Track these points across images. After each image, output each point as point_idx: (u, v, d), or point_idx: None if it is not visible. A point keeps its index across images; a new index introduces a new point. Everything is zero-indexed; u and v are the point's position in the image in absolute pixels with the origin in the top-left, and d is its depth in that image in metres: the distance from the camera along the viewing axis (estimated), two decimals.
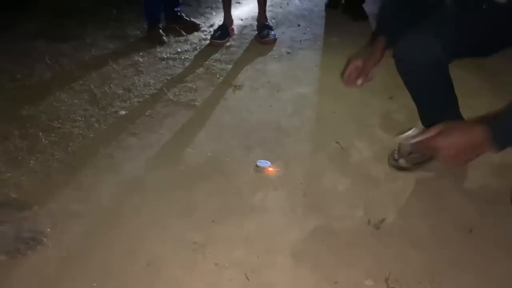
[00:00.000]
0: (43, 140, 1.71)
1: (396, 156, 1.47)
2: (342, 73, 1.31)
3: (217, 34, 2.60)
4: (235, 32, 2.71)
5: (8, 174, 1.50)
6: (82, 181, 1.47)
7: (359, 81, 1.27)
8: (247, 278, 1.09)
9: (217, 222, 1.28)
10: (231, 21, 2.68)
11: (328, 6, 3.03)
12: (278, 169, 1.50)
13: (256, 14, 2.71)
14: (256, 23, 2.71)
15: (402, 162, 1.45)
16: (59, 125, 1.80)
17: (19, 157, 1.59)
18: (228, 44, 2.59)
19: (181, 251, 1.18)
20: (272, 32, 2.61)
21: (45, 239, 1.21)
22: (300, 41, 2.60)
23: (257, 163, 1.50)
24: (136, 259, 1.17)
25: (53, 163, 1.57)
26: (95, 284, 1.09)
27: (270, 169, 1.50)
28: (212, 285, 1.09)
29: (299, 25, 2.84)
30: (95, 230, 1.27)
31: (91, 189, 1.44)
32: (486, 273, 1.09)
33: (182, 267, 1.14)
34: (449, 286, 1.06)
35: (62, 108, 1.94)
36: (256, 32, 2.66)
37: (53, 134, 1.74)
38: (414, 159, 1.45)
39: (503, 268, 1.10)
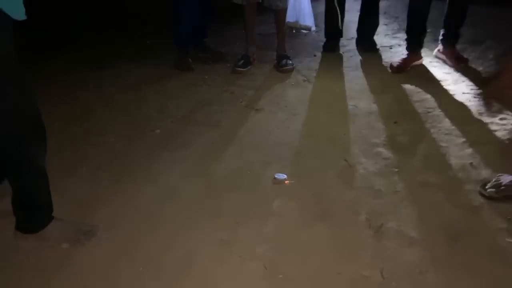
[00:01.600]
0: (90, 154, 1.99)
1: (488, 185, 1.54)
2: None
3: (240, 63, 2.87)
4: (256, 61, 2.99)
5: (63, 183, 1.77)
6: (125, 189, 1.73)
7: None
8: (265, 268, 1.31)
9: (241, 223, 1.51)
10: (253, 51, 2.96)
11: (325, 50, 3.12)
12: (293, 181, 1.73)
13: (276, 45, 3.00)
14: (275, 53, 2.99)
15: (491, 192, 1.52)
16: (104, 141, 2.09)
17: (72, 168, 1.87)
18: (250, 72, 2.87)
19: (210, 246, 1.41)
20: (290, 62, 2.87)
21: (98, 233, 1.47)
22: (316, 70, 2.86)
23: (275, 176, 1.74)
24: (173, 252, 1.40)
25: (101, 173, 1.84)
26: (140, 269, 1.32)
27: (286, 181, 1.73)
28: (236, 274, 1.31)
29: (315, 55, 3.11)
30: (138, 227, 1.51)
31: (133, 195, 1.69)
32: (468, 270, 1.28)
33: (211, 259, 1.36)
34: (434, 278, 1.26)
35: (106, 126, 2.23)
36: (276, 61, 2.94)
37: (100, 149, 2.02)
38: (503, 191, 1.51)
39: (485, 270, 1.29)
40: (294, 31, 3.52)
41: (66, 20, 3.86)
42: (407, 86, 2.49)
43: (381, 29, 3.21)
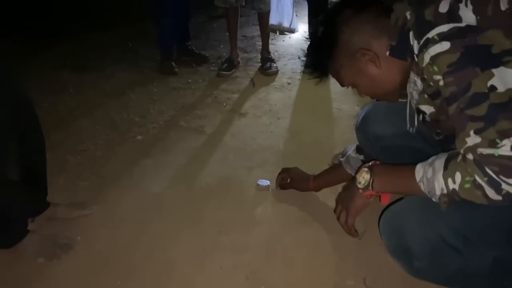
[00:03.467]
0: (70, 161, 1.94)
1: None
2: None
3: (224, 66, 2.84)
4: (241, 64, 2.97)
5: None
6: (105, 198, 1.68)
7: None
8: (247, 278, 1.29)
9: (223, 232, 1.48)
10: (237, 54, 2.93)
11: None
12: (276, 188, 1.71)
13: (260, 48, 2.98)
14: (260, 55, 2.97)
15: None
16: (83, 148, 2.04)
17: (50, 178, 1.81)
18: (234, 75, 2.85)
19: (192, 256, 1.38)
20: (274, 65, 2.85)
21: (76, 245, 1.42)
22: (300, 72, 2.85)
23: (258, 182, 1.71)
24: (153, 262, 1.36)
25: (80, 181, 1.79)
26: (119, 282, 1.29)
27: (270, 187, 1.70)
28: (217, 285, 1.29)
29: (299, 58, 3.10)
30: (118, 238, 1.47)
31: (114, 204, 1.64)
32: None
33: (192, 269, 1.33)
34: (418, 285, 1.24)
35: (86, 133, 2.18)
36: (260, 64, 2.92)
37: (79, 156, 1.97)
38: None
39: None
40: (277, 34, 3.51)
41: (46, 16, 3.81)
42: None
43: None
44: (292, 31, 3.51)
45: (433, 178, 0.86)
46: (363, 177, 1.05)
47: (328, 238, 1.44)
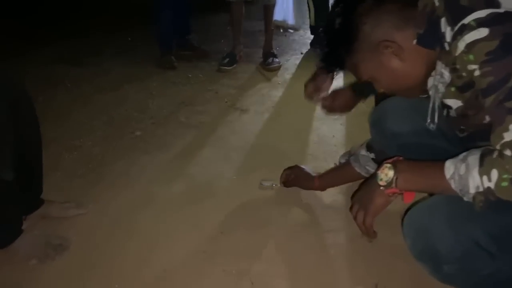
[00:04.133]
0: (65, 157, 1.86)
1: None
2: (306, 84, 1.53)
3: (225, 61, 2.75)
4: (243, 58, 2.89)
5: None
6: (101, 196, 1.61)
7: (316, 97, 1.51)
8: (252, 284, 1.22)
9: (225, 233, 1.41)
10: (240, 49, 2.84)
11: (312, 46, 3.04)
12: (280, 188, 1.64)
13: (262, 43, 2.90)
14: (262, 50, 2.89)
15: None
16: (80, 144, 1.96)
17: (45, 175, 1.74)
18: (234, 70, 2.77)
19: (192, 260, 1.31)
20: (277, 60, 2.77)
21: (70, 246, 1.35)
22: (303, 68, 2.77)
23: (262, 182, 1.64)
24: (151, 266, 1.29)
25: (75, 178, 1.72)
26: (117, 286, 1.22)
27: (274, 187, 1.63)
28: None
29: (302, 53, 3.02)
30: (113, 239, 1.40)
31: (109, 202, 1.57)
32: None
33: (193, 274, 1.26)
34: None
35: (83, 129, 2.10)
36: (262, 59, 2.84)
37: (75, 152, 1.90)
38: None
39: None
40: (281, 30, 3.43)
41: (42, 9, 3.72)
42: None
43: None
44: (296, 28, 3.44)
45: (467, 175, 0.79)
46: (385, 173, 0.95)
47: (336, 241, 1.37)
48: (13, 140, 1.24)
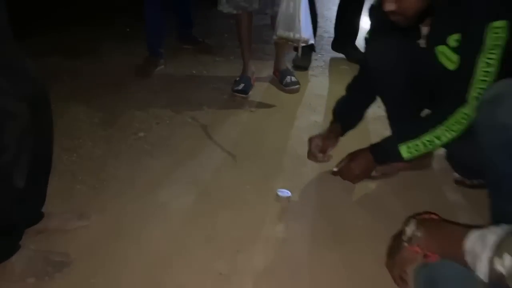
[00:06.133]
0: (64, 160, 1.73)
1: None
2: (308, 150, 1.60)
3: (240, 87, 2.29)
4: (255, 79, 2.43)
5: None
6: (105, 205, 1.48)
7: (320, 157, 1.58)
8: None
9: (242, 252, 1.30)
10: (253, 70, 2.39)
11: (333, 48, 2.82)
12: (298, 199, 1.53)
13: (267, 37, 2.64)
14: (274, 65, 2.46)
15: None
16: (79, 145, 1.83)
17: None
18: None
19: (207, 282, 1.20)
20: (294, 79, 2.38)
21: (71, 263, 1.22)
22: (312, 67, 2.65)
23: (278, 193, 1.52)
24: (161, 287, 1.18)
25: (75, 185, 1.58)
26: None
27: (291, 199, 1.52)
28: None
29: (298, 55, 2.88)
30: (120, 257, 1.27)
31: (114, 213, 1.44)
32: None
33: None
34: None
35: (82, 127, 1.96)
36: (277, 77, 2.42)
37: (75, 154, 1.76)
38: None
39: None
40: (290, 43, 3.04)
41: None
42: None
43: None
44: (305, 41, 2.85)
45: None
46: (410, 229, 0.89)
47: (361, 263, 1.27)
48: (32, 146, 1.11)
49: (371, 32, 1.50)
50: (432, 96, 1.43)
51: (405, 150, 1.30)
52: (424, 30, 1.32)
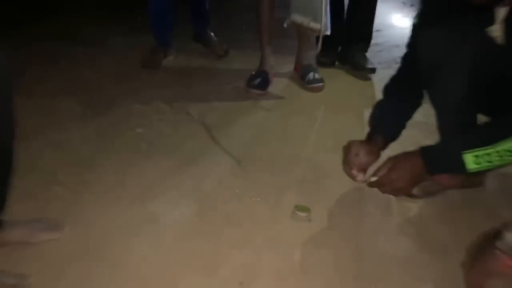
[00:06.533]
0: (45, 156, 1.48)
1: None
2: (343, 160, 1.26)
3: (256, 82, 2.05)
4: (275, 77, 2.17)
5: None
6: (84, 213, 1.23)
7: (360, 177, 1.21)
8: None
9: (246, 285, 1.02)
10: (271, 64, 2.12)
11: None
12: (320, 219, 1.25)
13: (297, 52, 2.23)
14: (295, 59, 2.21)
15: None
16: (66, 139, 1.58)
17: (18, 176, 1.35)
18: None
19: None
20: (318, 76, 2.11)
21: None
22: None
23: (295, 210, 1.25)
24: None
25: (53, 185, 1.33)
26: None
27: (311, 218, 1.24)
28: None
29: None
30: (96, 280, 1.02)
31: (94, 224, 1.19)
32: None
33: None
34: None
35: (72, 119, 1.72)
36: (299, 73, 2.17)
37: (59, 150, 1.51)
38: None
39: None
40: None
41: None
42: None
43: None
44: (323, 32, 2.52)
45: None
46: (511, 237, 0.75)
47: None
48: None
49: (422, 15, 1.20)
50: (493, 98, 1.14)
51: (471, 160, 1.00)
52: (501, 12, 0.99)
